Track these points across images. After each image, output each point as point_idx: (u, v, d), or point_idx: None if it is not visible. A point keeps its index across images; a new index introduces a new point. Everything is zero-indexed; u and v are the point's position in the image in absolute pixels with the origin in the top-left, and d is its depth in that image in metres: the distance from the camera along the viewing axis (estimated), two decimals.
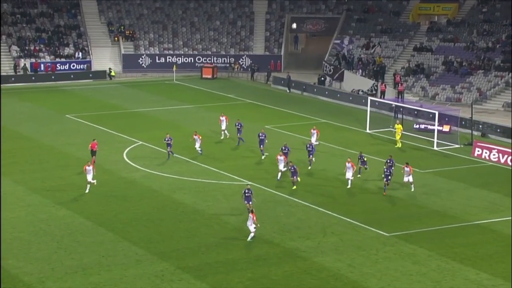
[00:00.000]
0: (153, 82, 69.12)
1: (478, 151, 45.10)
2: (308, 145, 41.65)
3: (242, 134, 45.88)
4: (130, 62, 72.81)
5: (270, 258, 29.14)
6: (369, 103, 52.92)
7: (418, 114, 53.77)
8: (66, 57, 70.77)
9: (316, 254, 29.62)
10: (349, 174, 37.62)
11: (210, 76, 70.66)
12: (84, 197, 36.05)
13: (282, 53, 75.04)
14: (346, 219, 33.67)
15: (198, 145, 43.22)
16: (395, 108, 54.68)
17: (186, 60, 73.92)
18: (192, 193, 36.99)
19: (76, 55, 71.04)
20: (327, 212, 34.61)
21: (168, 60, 73.37)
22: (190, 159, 42.86)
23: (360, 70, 65.55)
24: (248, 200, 33.30)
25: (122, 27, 74.83)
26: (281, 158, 38.82)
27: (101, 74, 69.49)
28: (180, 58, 73.75)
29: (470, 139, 48.07)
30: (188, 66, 73.47)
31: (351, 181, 37.81)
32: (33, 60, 68.86)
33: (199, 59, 73.96)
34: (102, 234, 31.29)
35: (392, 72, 64.43)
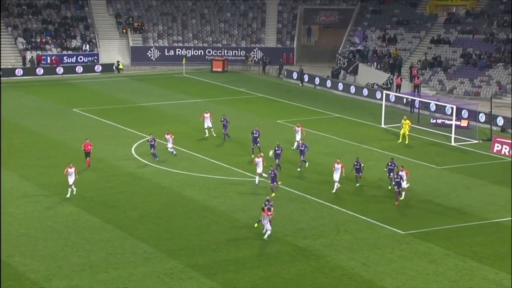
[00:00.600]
0: (162, 76, 68.59)
1: (497, 147, 44.42)
2: (300, 144, 39.78)
3: (228, 129, 44.34)
4: (138, 55, 72.18)
5: (282, 257, 28.66)
6: (384, 97, 52.09)
7: (435, 108, 52.84)
8: (73, 49, 70.16)
9: (329, 253, 29.13)
10: (336, 176, 35.70)
11: (220, 69, 69.92)
12: (91, 193, 35.55)
13: (294, 45, 74.20)
14: (360, 217, 33.07)
15: (170, 145, 40.48)
16: (411, 102, 53.78)
17: (196, 52, 73.19)
18: (202, 189, 36.45)
19: (83, 48, 70.42)
20: (341, 209, 34.01)
21: (177, 52, 72.68)
22: (201, 155, 42.13)
23: (375, 63, 64.64)
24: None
25: (130, 19, 74.15)
26: (259, 160, 36.37)
27: (108, 67, 68.81)
28: (189, 51, 73.04)
29: (489, 134, 47.25)
30: (198, 59, 72.76)
31: (337, 184, 35.85)
32: (39, 52, 68.25)
33: (209, 52, 73.22)
34: (110, 231, 30.88)
35: (408, 65, 63.49)
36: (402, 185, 34.62)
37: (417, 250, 29.48)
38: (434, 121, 51.27)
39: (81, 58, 69.71)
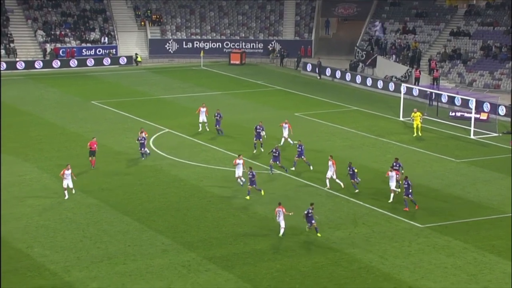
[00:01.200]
0: (180, 68, 68.61)
1: None
2: (297, 145, 38.09)
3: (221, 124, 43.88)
4: (156, 48, 72.22)
5: (299, 249, 28.62)
6: (402, 90, 51.71)
7: (454, 101, 52.33)
8: (92, 42, 70.39)
9: (347, 246, 29.01)
10: (329, 173, 35.13)
11: (238, 62, 69.81)
12: (110, 185, 35.71)
13: (312, 38, 73.87)
14: (378, 210, 32.90)
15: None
16: (430, 95, 53.32)
17: (213, 45, 73.13)
18: (219, 182, 36.43)
19: (102, 40, 70.64)
20: (358, 202, 33.86)
21: (195, 45, 72.67)
22: (218, 147, 42.13)
23: (393, 56, 64.17)
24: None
25: (148, 12, 74.21)
26: (239, 162, 34.95)
27: (127, 60, 68.92)
28: (207, 43, 72.98)
29: (509, 128, 46.77)
30: (216, 51, 72.70)
31: (329, 181, 35.08)
32: (58, 45, 68.56)
33: (227, 45, 73.10)
34: (128, 223, 30.97)
35: (427, 57, 62.95)
36: (410, 191, 32.68)
37: (435, 243, 29.27)
38: (453, 114, 50.83)
39: (99, 51, 69.97)
